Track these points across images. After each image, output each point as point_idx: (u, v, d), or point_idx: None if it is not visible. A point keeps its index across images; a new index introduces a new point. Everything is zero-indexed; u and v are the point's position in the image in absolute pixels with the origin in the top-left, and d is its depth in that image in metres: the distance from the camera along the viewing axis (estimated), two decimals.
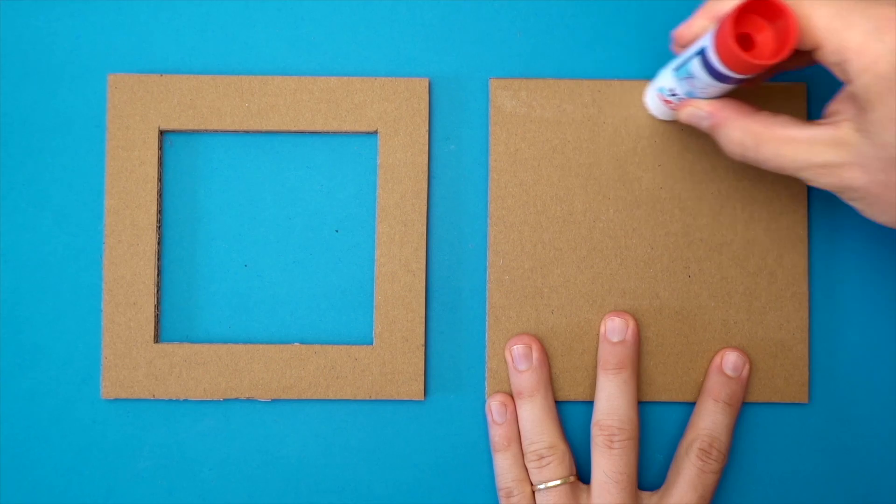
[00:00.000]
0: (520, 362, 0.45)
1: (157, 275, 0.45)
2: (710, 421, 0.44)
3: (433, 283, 0.46)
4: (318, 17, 0.46)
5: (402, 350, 0.45)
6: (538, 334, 0.45)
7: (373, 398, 0.45)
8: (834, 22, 0.33)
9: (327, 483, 0.46)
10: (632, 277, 0.46)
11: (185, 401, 0.45)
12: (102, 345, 0.45)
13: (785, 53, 0.34)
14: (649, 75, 0.46)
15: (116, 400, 0.45)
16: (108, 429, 0.45)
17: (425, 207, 0.46)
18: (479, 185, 0.46)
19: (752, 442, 0.46)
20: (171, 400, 0.45)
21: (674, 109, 0.43)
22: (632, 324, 0.45)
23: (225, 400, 0.45)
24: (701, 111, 0.40)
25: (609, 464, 0.43)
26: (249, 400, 0.46)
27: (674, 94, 0.41)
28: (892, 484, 0.46)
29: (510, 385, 0.45)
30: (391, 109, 0.45)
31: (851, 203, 0.37)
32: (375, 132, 0.46)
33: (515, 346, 0.45)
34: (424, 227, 0.46)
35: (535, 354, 0.45)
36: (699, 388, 0.45)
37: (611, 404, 0.43)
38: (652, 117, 0.46)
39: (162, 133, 0.46)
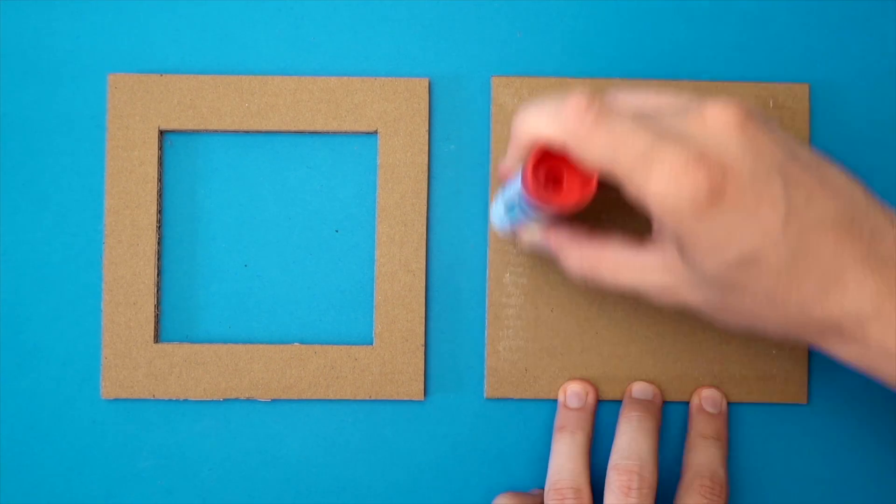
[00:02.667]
0: (572, 400, 0.45)
1: (157, 275, 0.45)
2: (704, 456, 0.43)
3: (433, 283, 0.46)
4: (318, 17, 0.46)
5: (402, 350, 0.45)
6: (536, 333, 0.45)
7: (373, 398, 0.45)
8: (636, 163, 0.33)
9: (327, 483, 0.46)
10: None
11: (185, 401, 0.45)
12: (102, 345, 0.45)
13: (587, 196, 0.35)
14: (648, 74, 0.46)
15: (116, 400, 0.45)
16: (108, 429, 0.45)
17: (425, 207, 0.46)
18: (479, 185, 0.46)
19: (752, 442, 0.46)
20: (171, 400, 0.45)
21: (516, 234, 0.43)
22: (658, 391, 0.46)
23: (225, 400, 0.45)
24: (540, 238, 0.41)
25: None
26: (249, 400, 0.46)
27: (512, 223, 0.41)
28: (892, 484, 0.46)
29: (555, 420, 0.45)
30: (391, 109, 0.46)
31: (703, 317, 0.38)
32: (375, 132, 0.46)
33: (571, 385, 0.45)
34: (424, 227, 0.46)
35: (590, 398, 0.45)
36: (698, 388, 0.45)
37: (632, 448, 0.42)
38: None
39: (162, 133, 0.46)
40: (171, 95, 0.45)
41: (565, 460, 0.43)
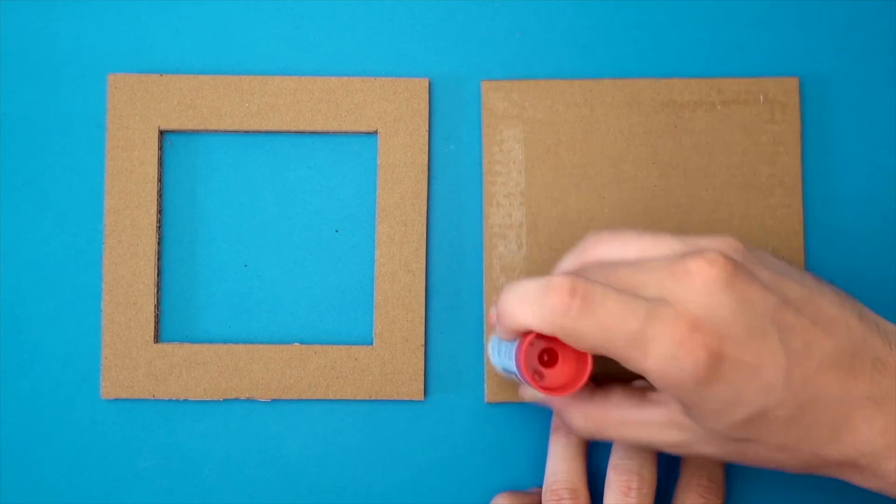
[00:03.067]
0: None
1: (157, 275, 0.45)
2: (701, 457, 0.43)
3: (433, 283, 0.46)
4: (318, 17, 0.46)
5: (402, 350, 0.45)
6: None
7: (373, 398, 0.45)
8: (631, 345, 0.33)
9: (327, 483, 0.46)
10: None
11: (185, 401, 0.45)
12: (102, 345, 0.45)
13: (583, 377, 0.35)
14: (640, 74, 0.46)
15: (116, 400, 0.45)
16: (108, 429, 0.45)
17: (425, 207, 0.46)
18: (479, 186, 0.46)
19: None
20: (171, 400, 0.45)
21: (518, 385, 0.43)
22: None
23: (225, 400, 0.45)
24: (539, 397, 0.41)
25: None
26: (249, 400, 0.45)
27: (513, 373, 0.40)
28: None
29: (552, 422, 0.45)
30: (391, 109, 0.46)
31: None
32: (375, 132, 0.46)
33: None
34: (424, 227, 0.46)
35: None
36: None
37: (631, 449, 0.42)
38: (644, 115, 0.46)
39: (162, 133, 0.46)
40: (171, 95, 0.45)
41: (562, 461, 0.43)
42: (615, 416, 0.38)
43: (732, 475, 0.46)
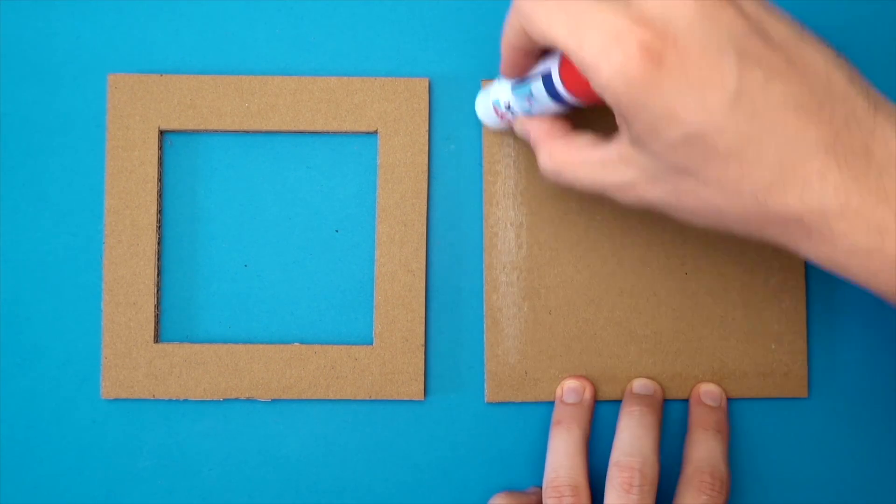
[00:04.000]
0: (569, 395, 0.45)
1: (157, 275, 0.45)
2: (704, 449, 0.43)
3: (433, 283, 0.46)
4: (318, 17, 0.46)
5: (402, 350, 0.45)
6: (535, 335, 0.45)
7: (373, 398, 0.45)
8: (570, 33, 0.32)
9: (327, 483, 0.46)
10: (628, 276, 0.46)
11: (185, 401, 0.45)
12: (102, 345, 0.45)
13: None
14: None
15: (116, 400, 0.45)
16: (108, 429, 0.45)
17: (425, 207, 0.46)
18: (479, 186, 0.46)
19: (752, 437, 0.46)
20: (171, 400, 0.45)
21: (507, 122, 0.43)
22: (658, 388, 0.46)
23: (225, 400, 0.45)
24: (524, 129, 0.41)
25: None
26: (249, 400, 0.46)
27: (509, 108, 0.42)
28: (893, 478, 0.46)
29: (553, 416, 0.45)
30: (391, 109, 0.46)
31: (668, 216, 0.36)
32: (375, 132, 0.46)
33: (568, 382, 0.45)
34: (424, 227, 0.46)
35: (587, 394, 0.45)
36: (697, 387, 0.46)
37: (634, 444, 0.42)
38: None
39: (162, 133, 0.46)
40: (171, 95, 0.45)
41: (562, 457, 0.43)
42: (576, 157, 0.37)
43: (734, 474, 0.46)
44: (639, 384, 0.45)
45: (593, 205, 0.46)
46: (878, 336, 0.47)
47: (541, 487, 0.43)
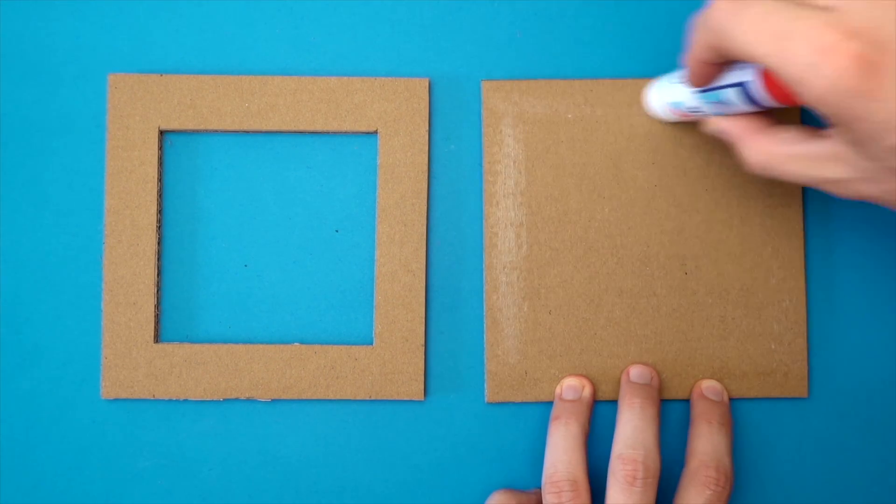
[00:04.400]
0: (568, 392, 0.45)
1: (157, 275, 0.45)
2: (709, 443, 0.43)
3: (433, 283, 0.46)
4: (318, 17, 0.46)
5: (402, 350, 0.45)
6: (535, 335, 0.45)
7: (373, 398, 0.45)
8: (772, 47, 0.32)
9: (327, 483, 0.46)
10: (628, 276, 0.46)
11: (185, 401, 0.45)
12: (102, 345, 0.45)
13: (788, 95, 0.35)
14: (647, 73, 0.46)
15: (116, 400, 0.45)
16: (108, 429, 0.45)
17: (425, 207, 0.46)
18: (479, 185, 0.46)
19: (752, 437, 0.46)
20: (171, 400, 0.45)
21: (689, 120, 0.44)
22: (655, 374, 0.45)
23: (225, 400, 0.45)
24: (720, 128, 0.40)
25: (628, 503, 0.41)
26: (249, 400, 0.46)
27: (696, 111, 0.42)
28: (893, 478, 0.46)
29: (551, 412, 0.45)
30: (391, 109, 0.46)
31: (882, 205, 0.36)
32: (375, 132, 0.46)
33: (567, 379, 0.45)
34: (424, 227, 0.46)
35: (586, 391, 0.45)
36: (698, 383, 0.46)
37: (636, 437, 0.42)
38: (644, 115, 0.46)
39: (162, 133, 0.46)
40: (171, 95, 0.45)
41: (561, 452, 0.42)
42: (784, 151, 0.37)
43: (737, 471, 0.46)
44: (636, 372, 0.45)
45: (594, 204, 0.46)
46: (878, 336, 0.47)
47: (540, 488, 0.43)
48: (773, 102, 0.36)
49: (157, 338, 0.45)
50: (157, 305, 0.45)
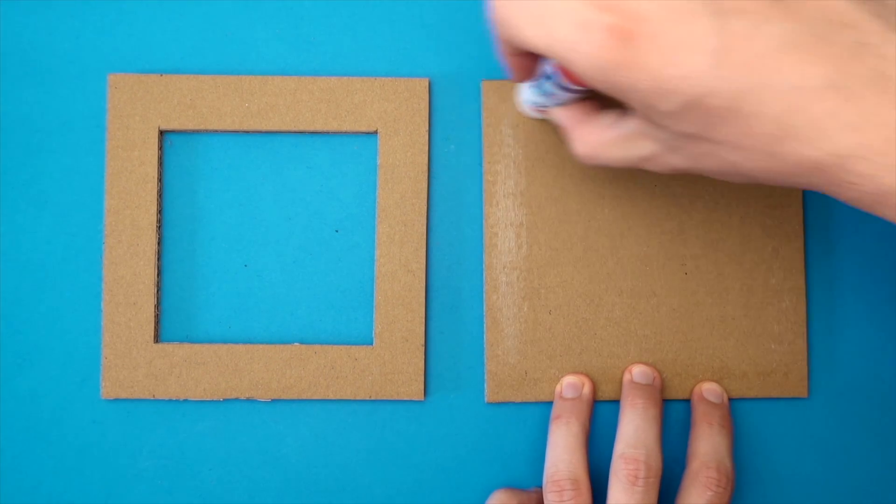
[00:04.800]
0: (568, 391, 0.45)
1: (157, 275, 0.45)
2: (710, 444, 0.43)
3: (433, 283, 0.46)
4: (318, 17, 0.46)
5: (402, 350, 0.45)
6: (535, 335, 0.45)
7: (373, 398, 0.45)
8: (538, 30, 0.32)
9: (327, 483, 0.46)
10: (628, 276, 0.46)
11: (185, 401, 0.45)
12: (102, 345, 0.45)
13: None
14: None
15: (116, 400, 0.45)
16: (108, 429, 0.45)
17: (425, 207, 0.46)
18: (479, 186, 0.46)
19: (752, 437, 0.46)
20: (171, 400, 0.45)
21: (547, 116, 0.44)
22: (657, 374, 0.45)
23: (225, 400, 0.45)
24: (556, 119, 0.41)
25: (630, 503, 0.40)
26: (249, 400, 0.46)
27: (543, 106, 0.42)
28: (893, 478, 0.46)
29: (552, 411, 0.45)
30: (391, 109, 0.46)
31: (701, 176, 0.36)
32: (375, 132, 0.46)
33: (568, 378, 0.45)
34: (424, 227, 0.46)
35: (586, 390, 0.45)
36: (699, 386, 0.46)
37: (638, 436, 0.42)
38: None
39: (162, 133, 0.46)
40: (171, 95, 0.45)
41: (562, 451, 0.42)
42: (604, 136, 0.37)
43: (738, 472, 0.46)
44: (638, 372, 0.45)
45: (593, 204, 0.46)
46: (878, 336, 0.47)
47: (541, 488, 0.43)
48: (576, 87, 0.36)
49: (157, 338, 0.45)
50: (157, 305, 0.45)
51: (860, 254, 0.47)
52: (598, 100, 0.39)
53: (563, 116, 0.40)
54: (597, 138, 0.38)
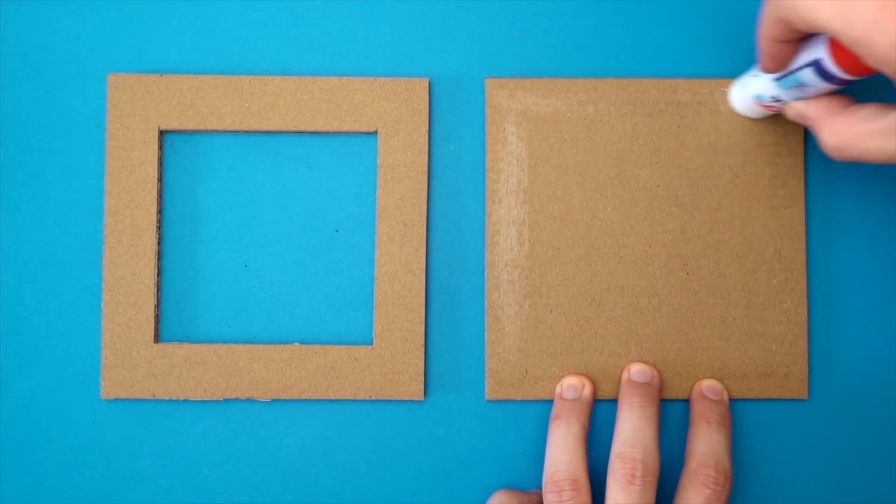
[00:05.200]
0: (568, 391, 0.45)
1: (157, 275, 0.45)
2: (708, 442, 0.43)
3: (433, 283, 0.46)
4: (318, 17, 0.46)
5: (402, 350, 0.45)
6: (536, 333, 0.45)
7: (373, 398, 0.45)
8: (840, 19, 0.32)
9: (327, 483, 0.46)
10: (630, 275, 0.46)
11: (185, 401, 0.45)
12: (102, 345, 0.45)
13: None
14: (643, 74, 0.46)
15: (116, 400, 0.45)
16: (108, 429, 0.45)
17: (425, 207, 0.46)
18: (479, 185, 0.46)
19: (752, 438, 0.46)
20: (171, 400, 0.45)
21: (775, 111, 0.44)
22: (656, 373, 0.45)
23: (225, 400, 0.45)
24: (799, 112, 0.41)
25: (627, 502, 0.40)
26: (249, 400, 0.46)
27: (778, 100, 0.42)
28: (893, 479, 0.46)
29: (552, 411, 0.45)
30: (391, 109, 0.46)
31: None
32: (375, 132, 0.46)
33: (568, 378, 0.45)
34: (424, 227, 0.46)
35: (586, 391, 0.45)
36: (698, 383, 0.45)
37: (635, 436, 0.42)
38: (647, 114, 0.46)
39: (162, 133, 0.46)
40: (171, 95, 0.45)
41: (562, 451, 0.42)
42: (862, 129, 0.37)
43: (735, 475, 0.46)
44: (636, 370, 0.45)
45: (596, 203, 0.46)
46: (879, 338, 0.46)
47: (541, 489, 0.43)
48: (845, 76, 0.36)
49: (157, 338, 0.45)
50: (157, 305, 0.45)
51: (862, 256, 0.46)
52: (849, 95, 0.39)
53: (813, 108, 0.40)
54: (854, 130, 0.38)
